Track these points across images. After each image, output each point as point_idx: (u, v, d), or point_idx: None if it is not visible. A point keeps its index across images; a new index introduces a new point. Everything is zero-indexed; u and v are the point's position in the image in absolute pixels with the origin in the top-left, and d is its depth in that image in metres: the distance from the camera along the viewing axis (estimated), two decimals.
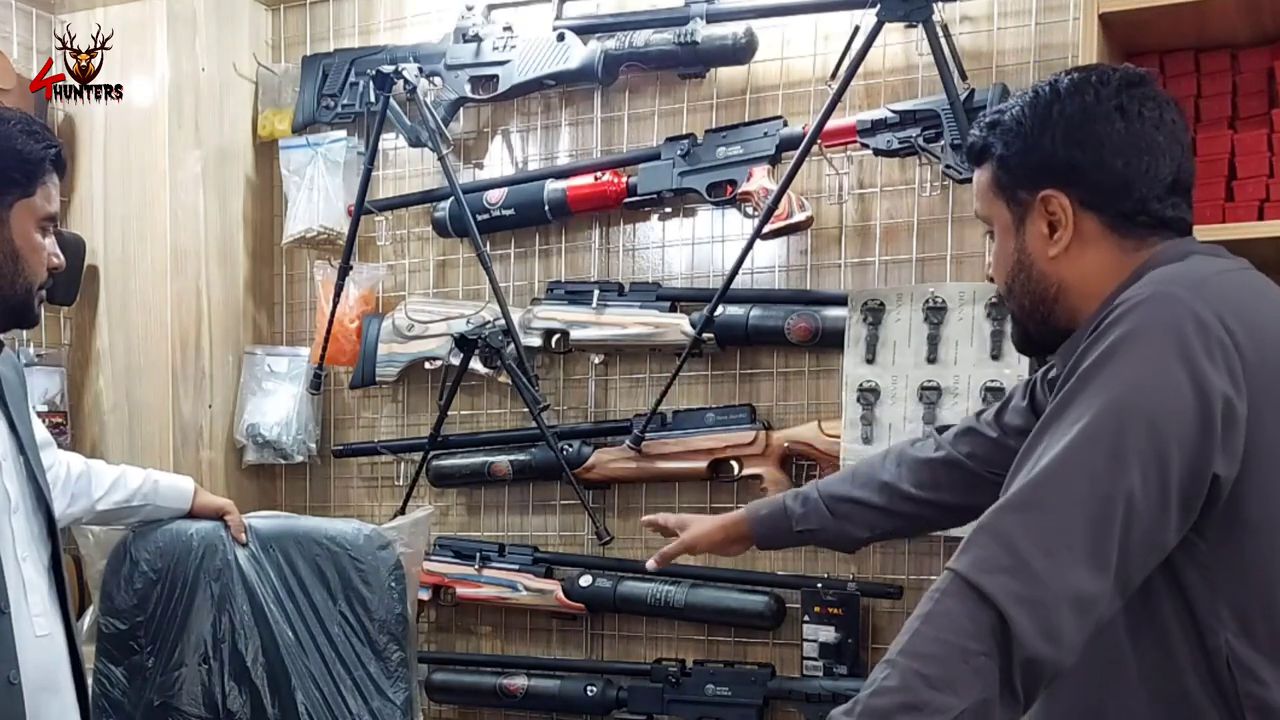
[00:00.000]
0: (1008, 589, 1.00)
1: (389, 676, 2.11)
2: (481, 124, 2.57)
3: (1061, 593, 1.01)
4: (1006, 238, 1.25)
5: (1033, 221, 1.22)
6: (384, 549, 2.14)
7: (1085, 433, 1.04)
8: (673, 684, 2.31)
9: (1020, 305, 1.27)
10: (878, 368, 2.15)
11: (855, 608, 2.18)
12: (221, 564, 2.10)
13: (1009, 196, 1.24)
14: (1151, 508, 1.03)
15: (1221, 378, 1.04)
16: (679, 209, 2.38)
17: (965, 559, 1.05)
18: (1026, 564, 1.01)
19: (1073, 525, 1.02)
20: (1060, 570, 1.01)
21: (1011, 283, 1.26)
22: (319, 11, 2.71)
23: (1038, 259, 1.22)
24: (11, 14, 2.57)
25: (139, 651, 2.09)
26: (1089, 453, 1.04)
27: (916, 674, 1.01)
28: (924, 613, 1.04)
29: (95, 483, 2.00)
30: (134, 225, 2.57)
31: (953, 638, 1.01)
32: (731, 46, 2.22)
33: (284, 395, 2.66)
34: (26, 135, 1.57)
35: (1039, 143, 1.20)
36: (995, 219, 1.27)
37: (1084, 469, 1.03)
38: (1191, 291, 1.08)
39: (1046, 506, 1.03)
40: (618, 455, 2.34)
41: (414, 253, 2.64)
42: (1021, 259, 1.24)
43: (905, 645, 1.03)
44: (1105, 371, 1.06)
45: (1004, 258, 1.26)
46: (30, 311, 1.62)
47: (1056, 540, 1.02)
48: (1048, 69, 2.07)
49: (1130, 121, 1.17)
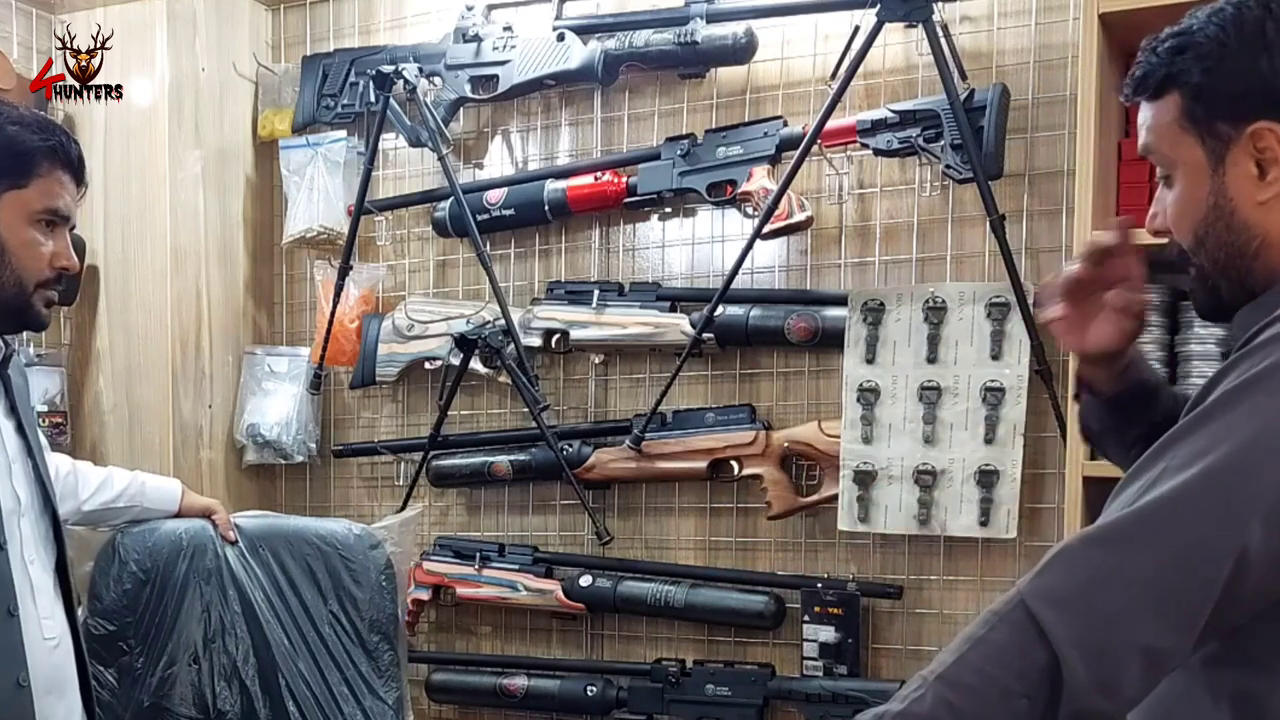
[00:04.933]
0: (1071, 630, 0.91)
1: (380, 676, 2.11)
2: (481, 124, 2.57)
3: (1132, 642, 0.91)
4: (1197, 180, 1.06)
5: (1236, 160, 1.03)
6: (374, 548, 2.15)
7: (1206, 473, 0.91)
8: (673, 684, 2.31)
9: (1214, 259, 1.06)
10: (878, 368, 2.15)
11: (855, 608, 2.18)
12: (211, 564, 2.10)
13: (1205, 130, 1.04)
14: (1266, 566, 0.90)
15: None
16: (679, 209, 2.38)
17: (1035, 584, 0.95)
18: (1099, 606, 0.91)
19: (1166, 573, 0.91)
20: (1135, 619, 0.91)
21: (1204, 234, 1.06)
22: (319, 11, 2.71)
23: (1242, 205, 1.03)
24: (11, 14, 2.57)
25: (129, 652, 2.08)
26: (1206, 497, 0.91)
27: (947, 703, 0.93)
28: (975, 636, 0.95)
29: (82, 483, 2.00)
30: (134, 225, 2.57)
31: (996, 672, 0.93)
32: (731, 46, 2.21)
33: (284, 395, 2.66)
34: (20, 126, 1.53)
35: (1252, 66, 1.01)
36: (1181, 159, 1.07)
37: (1196, 515, 0.91)
38: None
39: (1142, 546, 0.92)
40: (618, 455, 2.34)
41: (414, 253, 2.63)
42: (1220, 204, 1.04)
43: (946, 668, 0.94)
44: (1248, 401, 0.92)
45: (1193, 204, 1.06)
46: (29, 311, 1.58)
47: (1142, 585, 0.91)
48: (1048, 69, 2.08)
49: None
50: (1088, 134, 1.80)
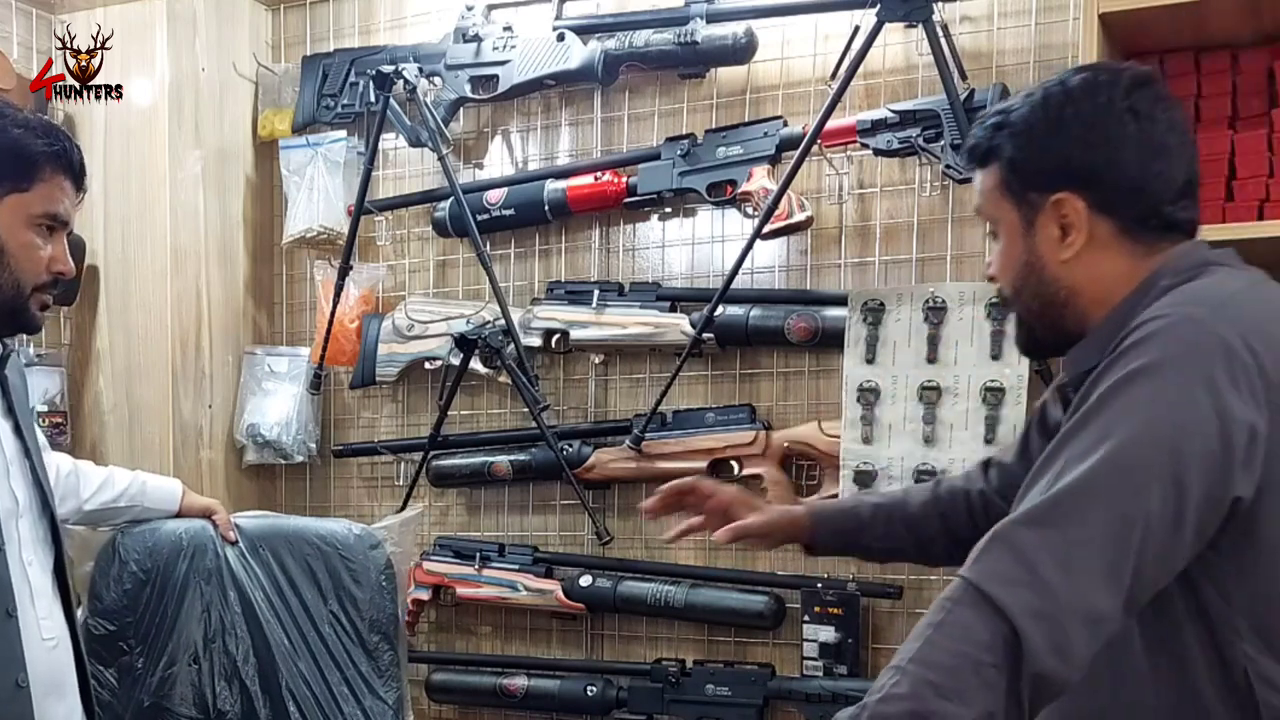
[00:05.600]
0: (1022, 602, 1.00)
1: (380, 675, 2.11)
2: (481, 124, 2.57)
3: (1075, 609, 1.01)
4: (1014, 239, 1.23)
5: (1044, 224, 1.20)
6: (374, 548, 2.14)
7: (1108, 455, 1.03)
8: (673, 684, 2.31)
9: (1029, 308, 1.25)
10: (878, 368, 2.14)
11: (855, 608, 2.18)
12: (212, 564, 2.10)
13: (1018, 198, 1.21)
14: (1167, 533, 1.03)
15: (1246, 404, 1.04)
16: (679, 209, 2.38)
17: (979, 569, 1.04)
18: (1042, 578, 1.01)
19: (1091, 544, 1.02)
20: (1076, 587, 1.01)
21: (1020, 285, 1.24)
22: (319, 11, 2.71)
23: (1049, 262, 1.20)
24: (11, 14, 2.57)
25: (129, 652, 2.08)
26: (1111, 475, 1.03)
27: (926, 682, 1.00)
28: (935, 621, 1.03)
29: (84, 483, 1.99)
30: (134, 225, 2.57)
31: (965, 648, 1.00)
32: (731, 46, 2.21)
33: (284, 395, 2.66)
34: (24, 129, 1.53)
35: (1052, 145, 1.18)
36: (1001, 220, 1.24)
37: (1105, 491, 1.03)
38: (1215, 313, 1.08)
39: (1065, 524, 1.03)
40: (618, 455, 2.34)
41: (414, 253, 2.63)
42: (1031, 261, 1.22)
43: (916, 653, 1.02)
44: (1129, 395, 1.06)
45: (1011, 259, 1.24)
46: (25, 313, 1.58)
47: (1074, 557, 1.02)
48: (1048, 69, 2.07)
49: (1143, 124, 1.16)
50: None
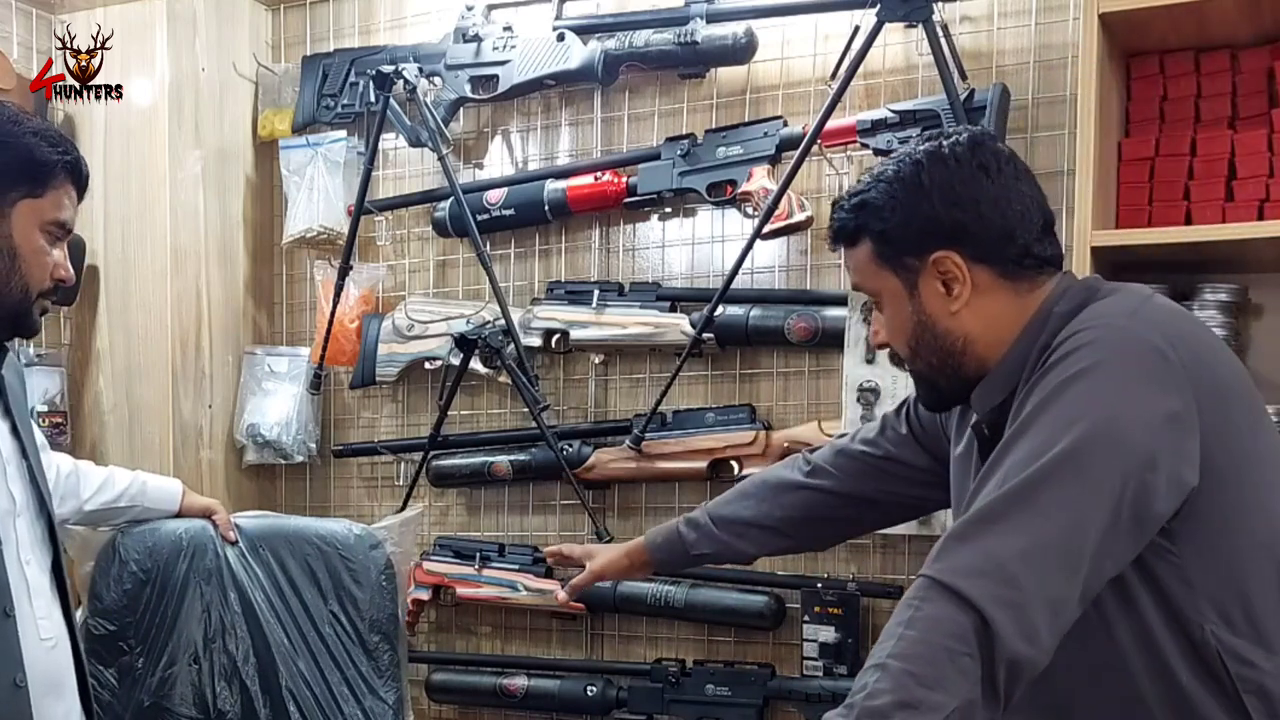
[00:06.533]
0: (989, 593, 1.04)
1: (380, 676, 2.11)
2: (481, 124, 2.57)
3: (1038, 596, 1.05)
4: (899, 304, 1.29)
5: (926, 283, 1.26)
6: (375, 548, 2.14)
7: (1059, 451, 1.09)
8: (673, 684, 2.31)
9: (928, 364, 1.30)
10: (878, 368, 2.14)
11: (855, 608, 2.18)
12: (211, 564, 2.09)
13: (896, 265, 1.27)
14: (1118, 522, 1.08)
15: (1176, 397, 1.10)
16: (679, 209, 2.38)
17: (941, 565, 1.08)
18: (1004, 568, 1.05)
19: (1046, 535, 1.07)
20: (1037, 575, 1.05)
21: (915, 344, 1.30)
22: (319, 11, 2.71)
23: (939, 317, 1.26)
24: (11, 14, 2.57)
25: (129, 652, 2.07)
26: (1062, 469, 1.08)
27: (908, 674, 1.03)
28: (906, 619, 1.07)
29: (84, 483, 1.99)
30: (134, 225, 2.57)
31: (939, 640, 1.04)
32: (731, 46, 2.21)
33: (284, 395, 2.66)
34: (40, 138, 1.56)
35: (918, 210, 1.24)
36: (882, 290, 1.30)
37: (1058, 484, 1.08)
38: (1133, 321, 1.15)
39: (1021, 518, 1.08)
40: (618, 455, 2.34)
41: (414, 253, 2.63)
42: (923, 319, 1.27)
43: (892, 649, 1.05)
44: (1071, 396, 1.12)
45: (900, 322, 1.30)
46: (28, 318, 1.59)
47: (1031, 547, 1.06)
48: (1048, 69, 2.08)
49: (993, 177, 1.23)
50: (1088, 134, 1.80)
